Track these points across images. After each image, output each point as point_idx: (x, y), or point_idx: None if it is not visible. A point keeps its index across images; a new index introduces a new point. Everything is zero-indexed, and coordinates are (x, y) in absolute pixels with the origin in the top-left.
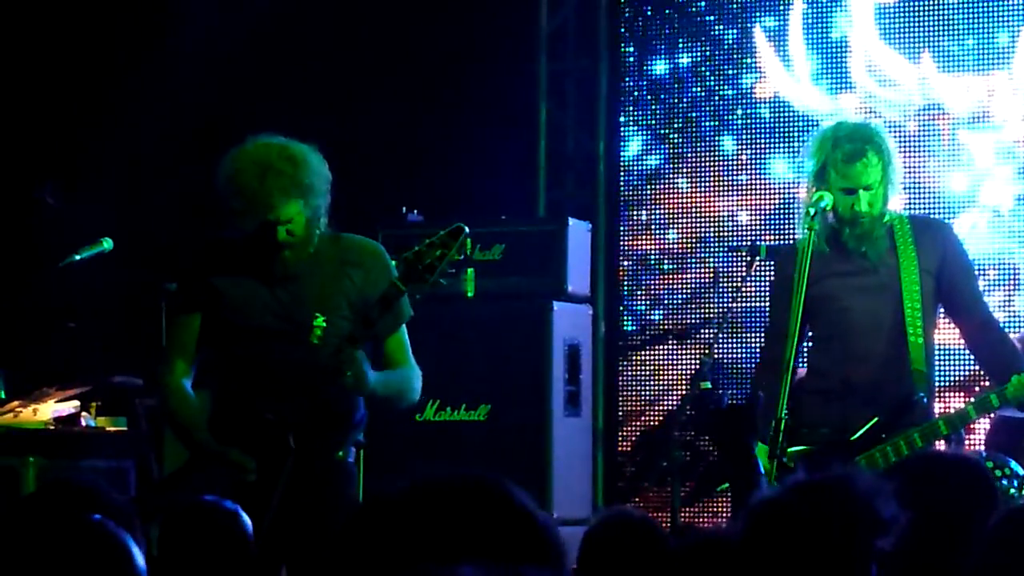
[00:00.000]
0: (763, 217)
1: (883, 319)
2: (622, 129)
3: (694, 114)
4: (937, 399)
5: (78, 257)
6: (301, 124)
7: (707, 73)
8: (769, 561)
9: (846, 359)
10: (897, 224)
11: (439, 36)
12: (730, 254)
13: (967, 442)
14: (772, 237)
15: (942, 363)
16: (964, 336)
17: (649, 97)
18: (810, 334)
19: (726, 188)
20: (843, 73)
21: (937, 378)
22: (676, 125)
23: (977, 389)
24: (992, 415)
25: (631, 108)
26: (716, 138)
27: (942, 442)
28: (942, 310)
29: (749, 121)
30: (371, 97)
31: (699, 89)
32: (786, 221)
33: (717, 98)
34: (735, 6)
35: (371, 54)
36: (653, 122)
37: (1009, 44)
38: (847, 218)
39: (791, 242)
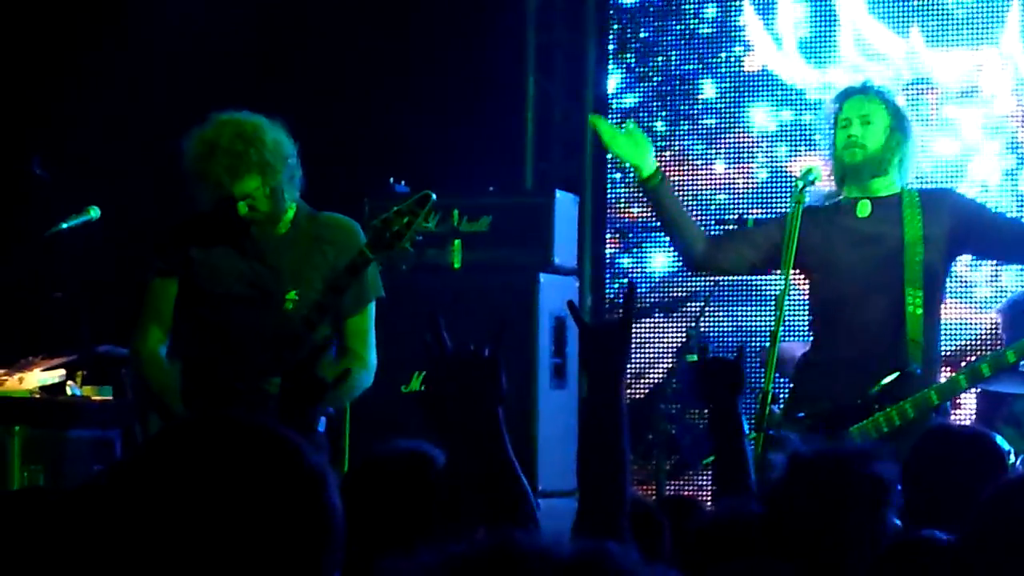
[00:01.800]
0: (746, 175)
1: (882, 290)
2: (609, 64)
3: (675, 54)
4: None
5: (65, 226)
6: (289, 96)
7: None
8: (794, 534)
9: (844, 331)
10: (907, 196)
11: (427, 8)
12: (718, 226)
13: (953, 416)
14: (760, 210)
15: None
16: (1016, 254)
17: (629, 34)
18: (808, 305)
19: (704, 134)
20: (832, 47)
21: None
22: (656, 64)
23: (963, 363)
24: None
25: (613, 45)
26: (696, 82)
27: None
28: (972, 258)
29: (731, 66)
30: (358, 68)
31: (680, 27)
32: (768, 180)
33: (698, 41)
34: None
35: (359, 26)
36: (633, 60)
37: (998, 18)
38: (842, 156)
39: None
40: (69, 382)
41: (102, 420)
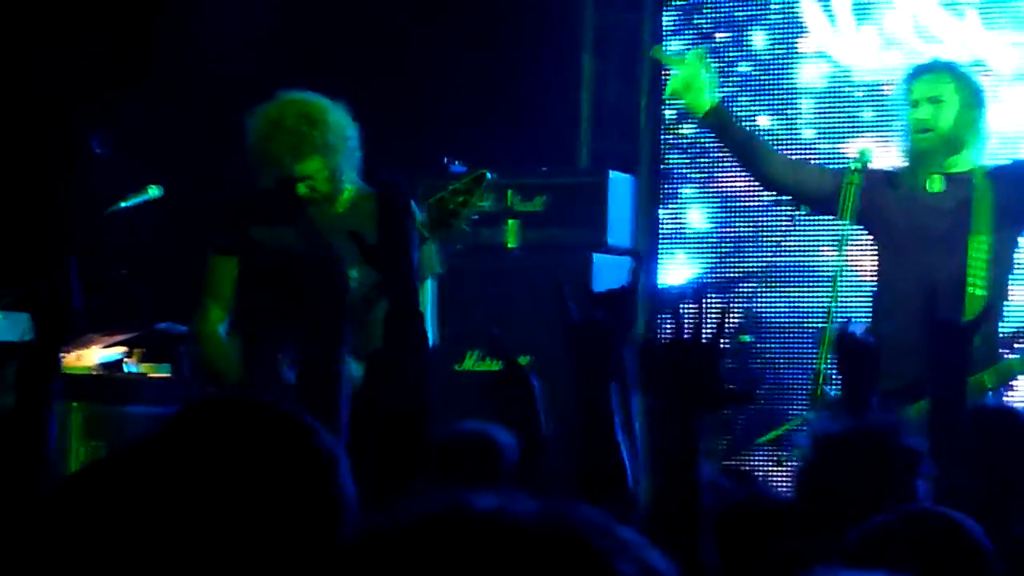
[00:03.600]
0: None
1: (945, 269)
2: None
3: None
4: None
5: (125, 204)
6: (345, 74)
7: None
8: (827, 514)
9: (905, 310)
10: (978, 175)
11: None
12: (773, 206)
13: (1007, 399)
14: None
15: None
16: None
17: None
18: (875, 283)
19: (749, 85)
20: (889, 29)
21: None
22: (707, 12)
23: (1017, 345)
24: None
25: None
26: (746, 32)
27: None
28: None
29: (785, 17)
30: (414, 48)
31: None
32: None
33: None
34: None
35: (414, 4)
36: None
37: None
38: (913, 141)
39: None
40: (128, 359)
41: (160, 397)
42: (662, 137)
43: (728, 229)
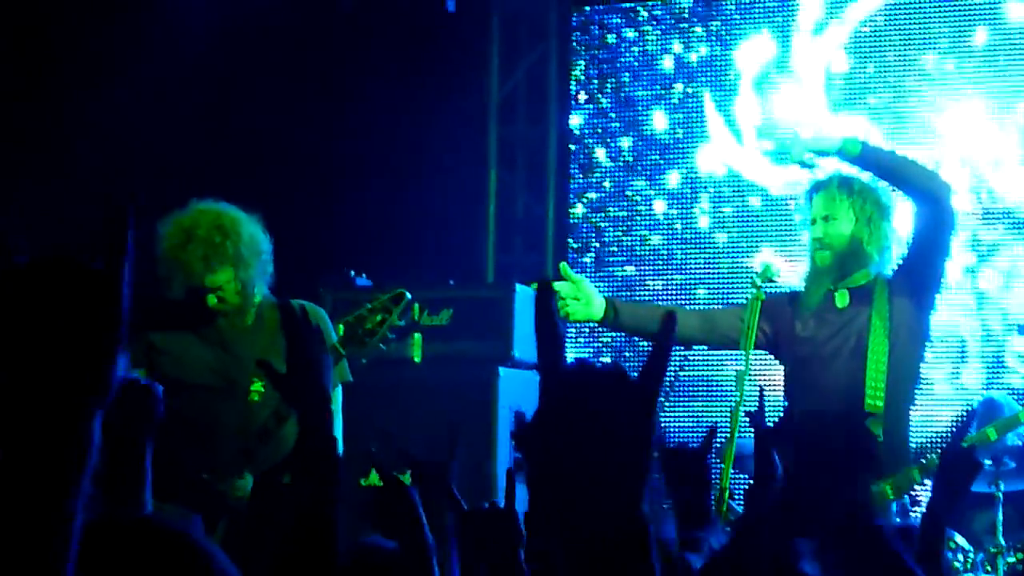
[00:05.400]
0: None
1: (844, 383)
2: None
3: (627, 76)
4: None
5: None
6: (251, 185)
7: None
8: None
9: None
10: (878, 285)
11: (390, 102)
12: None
13: (913, 513)
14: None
15: None
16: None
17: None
18: (785, 403)
19: (648, 170)
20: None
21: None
22: (607, 89)
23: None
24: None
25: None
26: (647, 113)
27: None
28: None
29: (686, 104)
30: (321, 158)
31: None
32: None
33: (654, 74)
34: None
35: (322, 115)
36: (584, 78)
37: (957, 121)
38: (813, 258)
39: (785, 290)
40: None
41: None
42: (569, 250)
43: (634, 341)
